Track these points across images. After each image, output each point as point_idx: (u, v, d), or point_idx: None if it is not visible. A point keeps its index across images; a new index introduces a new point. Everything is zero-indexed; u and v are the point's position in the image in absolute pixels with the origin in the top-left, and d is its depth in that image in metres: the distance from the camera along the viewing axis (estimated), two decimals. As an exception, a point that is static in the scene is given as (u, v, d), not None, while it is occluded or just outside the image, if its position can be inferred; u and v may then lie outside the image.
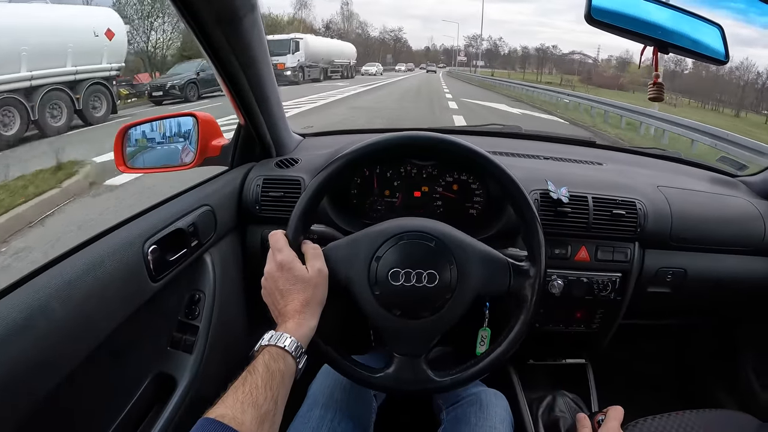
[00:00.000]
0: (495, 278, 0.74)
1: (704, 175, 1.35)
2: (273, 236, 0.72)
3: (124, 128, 1.04)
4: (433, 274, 0.71)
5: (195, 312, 0.92)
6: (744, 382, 1.34)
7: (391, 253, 0.72)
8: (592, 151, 1.40)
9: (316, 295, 0.68)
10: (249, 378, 0.56)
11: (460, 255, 0.73)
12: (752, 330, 1.36)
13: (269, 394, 0.55)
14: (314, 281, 0.68)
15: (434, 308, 0.72)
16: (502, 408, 0.90)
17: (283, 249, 0.70)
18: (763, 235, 1.14)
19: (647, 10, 0.86)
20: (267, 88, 0.98)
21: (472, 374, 0.74)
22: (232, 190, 1.04)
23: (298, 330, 0.64)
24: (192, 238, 0.88)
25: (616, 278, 1.07)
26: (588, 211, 1.03)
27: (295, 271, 0.68)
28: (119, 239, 0.74)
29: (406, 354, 0.74)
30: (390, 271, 0.71)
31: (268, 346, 0.61)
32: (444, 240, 0.73)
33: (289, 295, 0.67)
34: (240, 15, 0.80)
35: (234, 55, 0.86)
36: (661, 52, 0.88)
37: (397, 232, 0.73)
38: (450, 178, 1.08)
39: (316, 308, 0.68)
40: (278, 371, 0.58)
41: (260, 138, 1.08)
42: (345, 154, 0.75)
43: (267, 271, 0.70)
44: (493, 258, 0.75)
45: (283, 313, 0.67)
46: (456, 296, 0.72)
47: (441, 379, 0.74)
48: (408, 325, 0.73)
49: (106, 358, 0.71)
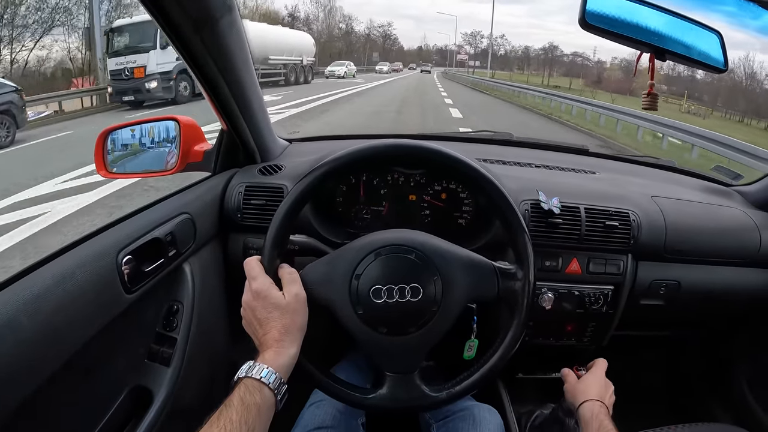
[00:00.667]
0: (482, 284, 0.71)
1: (698, 184, 1.32)
2: (247, 264, 0.69)
3: (105, 132, 1.00)
4: (417, 288, 0.68)
5: (173, 324, 0.89)
6: (738, 395, 1.31)
7: (371, 269, 0.69)
8: (585, 159, 1.37)
9: (295, 321, 0.66)
10: (224, 412, 0.54)
11: (442, 264, 0.69)
12: (746, 342, 1.33)
13: (244, 428, 0.53)
14: (292, 307, 0.66)
15: (421, 323, 0.68)
16: (495, 425, 0.87)
17: (257, 277, 0.67)
18: (759, 246, 1.12)
19: (644, 16, 0.83)
20: (249, 93, 0.94)
21: (467, 386, 0.71)
22: (214, 197, 1.00)
23: (276, 360, 0.62)
24: (170, 247, 0.85)
25: (609, 291, 1.04)
26: (580, 222, 0.99)
27: (271, 298, 0.65)
28: (92, 250, 0.70)
29: (397, 372, 0.70)
30: (371, 289, 0.68)
31: (245, 378, 0.59)
32: (423, 251, 0.70)
33: (267, 324, 0.65)
34: (216, 17, 0.76)
35: (212, 58, 0.82)
36: (658, 59, 0.85)
37: (374, 247, 0.70)
38: (438, 186, 1.05)
39: (296, 335, 0.66)
40: (254, 404, 0.57)
41: (243, 143, 1.04)
42: (321, 165, 0.71)
43: (244, 300, 0.68)
44: (477, 263, 0.72)
45: (262, 343, 0.64)
46: (443, 308, 0.69)
47: (436, 394, 0.71)
48: (396, 342, 0.69)
49: (80, 371, 0.69)
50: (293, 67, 19.56)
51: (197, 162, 1.01)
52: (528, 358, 1.15)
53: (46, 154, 6.77)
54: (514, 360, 0.75)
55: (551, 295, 0.98)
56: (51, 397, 0.63)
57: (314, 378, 0.71)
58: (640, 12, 0.83)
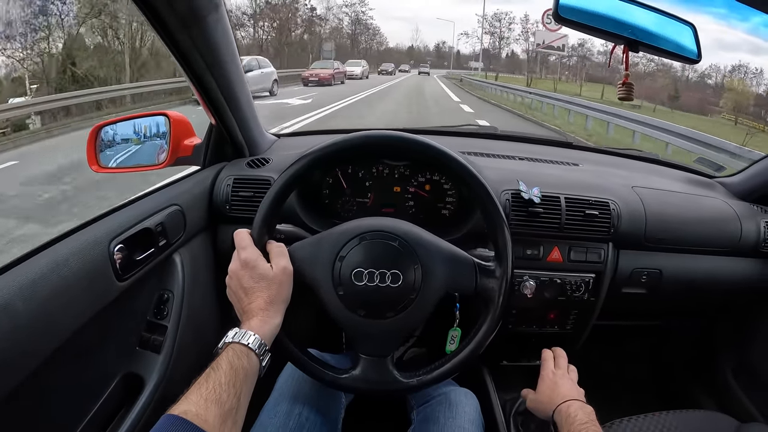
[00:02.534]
0: (460, 278, 0.72)
1: (681, 176, 1.33)
2: (238, 235, 0.71)
3: (97, 128, 1.02)
4: (397, 274, 0.69)
5: (164, 312, 0.90)
6: (722, 382, 1.32)
7: (355, 252, 0.71)
8: (569, 152, 1.38)
9: (281, 293, 0.67)
10: (212, 375, 0.55)
11: (423, 254, 0.71)
12: (730, 330, 1.34)
13: (232, 391, 0.54)
14: (278, 279, 0.67)
15: (399, 308, 0.70)
16: (471, 407, 0.88)
17: (247, 247, 0.69)
18: (740, 235, 1.12)
19: (617, 9, 0.83)
20: (236, 88, 0.95)
21: (439, 375, 0.73)
22: (203, 189, 1.01)
23: (262, 327, 0.63)
24: (160, 237, 0.86)
25: (590, 279, 1.04)
26: (560, 211, 1.00)
27: (259, 269, 0.67)
28: (85, 238, 0.72)
29: (371, 354, 0.72)
30: (353, 271, 0.70)
31: (232, 343, 0.60)
32: (407, 239, 0.71)
33: (253, 293, 0.66)
34: (203, 14, 0.78)
35: (200, 54, 0.83)
36: (631, 51, 0.86)
37: (359, 231, 0.72)
38: (422, 178, 1.06)
39: (280, 306, 0.67)
40: (242, 368, 0.58)
41: (232, 138, 1.05)
42: (309, 152, 0.73)
43: (231, 269, 0.69)
44: (458, 257, 0.73)
45: (247, 311, 0.66)
46: (420, 296, 0.70)
47: (407, 380, 0.72)
48: (373, 326, 0.71)
49: (72, 357, 0.70)
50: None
51: (187, 156, 1.02)
52: (512, 346, 1.16)
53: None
54: (498, 347, 0.76)
55: (533, 283, 0.99)
56: (44, 383, 0.64)
57: (291, 354, 0.73)
58: (614, 5, 0.83)
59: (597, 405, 0.79)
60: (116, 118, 1.03)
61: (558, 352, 0.94)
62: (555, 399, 0.81)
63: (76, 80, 11.80)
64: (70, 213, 3.80)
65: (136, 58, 14.64)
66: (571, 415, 0.75)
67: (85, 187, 4.32)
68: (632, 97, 0.88)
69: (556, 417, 0.78)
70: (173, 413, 0.50)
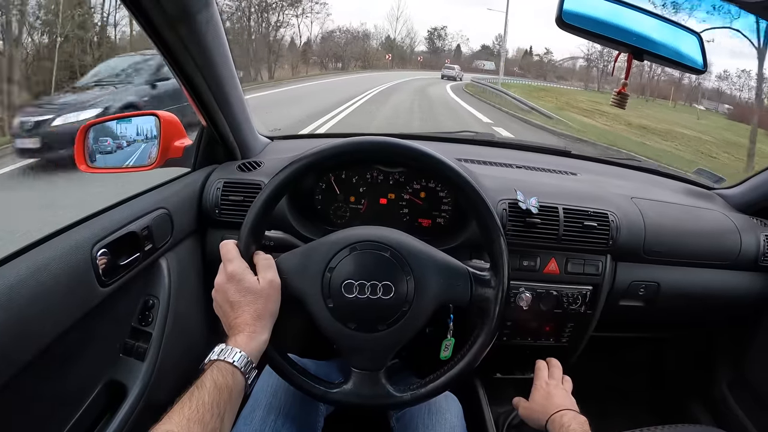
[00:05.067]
0: (455, 288, 0.68)
1: (680, 187, 1.30)
2: (224, 246, 0.67)
3: (86, 127, 0.98)
4: (389, 286, 0.65)
5: (149, 318, 0.86)
6: (718, 396, 1.29)
7: (345, 263, 0.66)
8: (568, 161, 1.34)
9: (268, 307, 0.64)
10: (196, 393, 0.53)
11: (416, 265, 0.67)
12: (727, 344, 1.30)
13: (216, 411, 0.52)
14: (265, 293, 0.64)
15: (391, 321, 0.66)
16: (453, 414, 0.84)
17: (233, 260, 0.65)
18: (739, 249, 1.09)
19: (622, 16, 0.80)
20: (228, 89, 0.91)
21: (433, 389, 0.69)
22: (192, 192, 0.97)
23: (248, 344, 0.60)
24: (146, 241, 0.82)
25: (587, 291, 1.01)
26: (558, 222, 0.97)
27: (245, 282, 0.63)
28: (67, 242, 0.68)
29: (363, 368, 0.68)
30: (343, 283, 0.65)
31: (217, 360, 0.57)
32: (399, 250, 0.67)
33: (240, 308, 0.63)
34: (192, 12, 0.73)
35: (190, 55, 0.79)
36: (635, 59, 0.82)
37: (350, 242, 0.67)
38: (417, 185, 1.02)
39: (267, 321, 0.64)
40: (226, 387, 0.55)
41: (223, 140, 1.01)
42: (299, 158, 0.69)
43: (217, 282, 0.66)
44: (452, 267, 0.69)
45: (233, 326, 0.62)
46: (414, 308, 0.66)
47: (400, 394, 0.68)
48: (364, 339, 0.67)
49: (53, 364, 0.66)
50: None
51: (177, 158, 0.98)
52: (506, 358, 1.12)
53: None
54: (492, 360, 0.72)
55: (529, 294, 0.95)
56: (23, 390, 0.61)
57: (279, 368, 0.69)
58: (618, 12, 0.80)
59: (591, 417, 0.77)
60: (105, 117, 0.99)
61: (552, 362, 0.92)
62: (548, 408, 0.79)
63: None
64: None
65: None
66: (564, 425, 0.74)
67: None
68: (625, 106, 0.85)
69: (550, 426, 0.77)
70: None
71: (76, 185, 1.38)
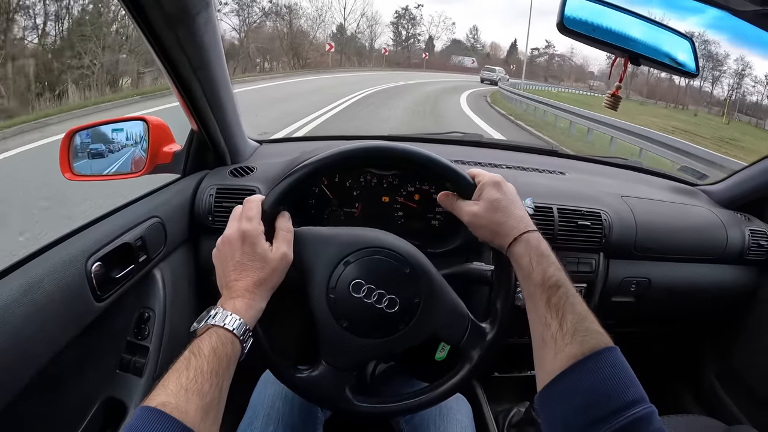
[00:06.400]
0: (451, 329, 0.66)
1: (665, 184, 1.32)
2: (248, 202, 0.62)
3: (71, 132, 0.93)
4: (395, 300, 0.63)
5: (144, 331, 0.83)
6: (707, 386, 1.32)
7: (363, 262, 0.63)
8: (555, 160, 1.35)
9: (272, 278, 0.59)
10: (194, 361, 0.48)
11: (429, 291, 0.65)
12: (716, 335, 1.34)
13: (215, 381, 0.48)
14: (274, 264, 0.59)
15: (384, 333, 0.64)
16: (464, 414, 0.83)
17: (253, 218, 0.60)
18: (725, 243, 1.12)
19: (620, 22, 0.80)
20: (221, 92, 0.87)
21: (389, 411, 0.67)
22: (184, 200, 0.94)
23: (247, 312, 0.56)
24: (140, 252, 0.79)
25: (581, 289, 1.02)
26: (553, 222, 0.97)
27: (258, 247, 0.58)
28: (60, 257, 0.64)
29: (332, 364, 0.65)
30: (353, 281, 0.62)
31: (215, 327, 0.53)
32: (418, 271, 0.64)
33: (245, 271, 0.58)
34: (193, 13, 0.70)
35: (186, 56, 0.75)
36: (632, 64, 0.82)
37: (376, 244, 0.65)
38: (411, 188, 1.01)
39: (268, 291, 0.59)
40: (225, 356, 0.51)
41: (214, 145, 0.97)
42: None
43: (228, 234, 0.60)
44: (458, 310, 0.66)
45: (231, 288, 0.57)
46: (411, 329, 0.64)
47: (358, 403, 0.66)
48: (349, 339, 0.64)
49: (50, 384, 0.64)
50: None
51: (166, 164, 0.94)
52: (503, 358, 1.13)
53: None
54: (490, 360, 0.71)
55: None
56: (20, 412, 0.58)
57: (260, 344, 0.65)
58: (617, 18, 0.80)
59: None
60: (92, 123, 0.94)
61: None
62: (508, 225, 0.61)
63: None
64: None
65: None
66: (541, 248, 0.59)
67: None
68: (617, 108, 0.85)
69: (514, 253, 0.60)
70: (150, 405, 0.43)
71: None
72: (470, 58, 40.27)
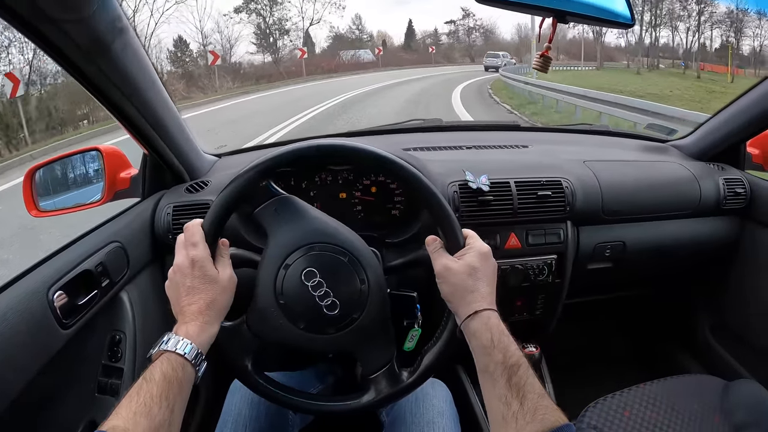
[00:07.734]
0: (369, 363, 0.64)
1: (634, 144, 1.28)
2: (189, 228, 0.62)
3: (31, 171, 0.95)
4: (336, 304, 0.62)
5: (117, 354, 0.84)
6: (702, 343, 1.27)
7: (326, 257, 0.63)
8: (518, 134, 1.32)
9: (222, 299, 0.60)
10: (145, 387, 0.50)
11: (373, 317, 0.63)
12: (702, 290, 1.30)
13: (164, 403, 0.49)
14: (223, 285, 0.60)
15: (311, 328, 0.62)
16: (440, 399, 0.80)
17: (197, 243, 0.61)
18: (700, 196, 1.08)
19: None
20: (162, 113, 0.86)
21: (274, 397, 0.66)
22: (143, 222, 0.94)
23: (200, 336, 0.56)
24: (102, 277, 0.79)
25: (552, 260, 0.99)
26: (512, 196, 0.95)
27: (206, 270, 0.60)
28: (21, 290, 0.65)
29: (251, 328, 0.64)
30: (308, 268, 0.62)
31: (167, 352, 0.54)
32: (374, 294, 0.63)
33: (197, 294, 0.59)
34: (107, 42, 0.69)
35: (114, 84, 0.75)
36: (560, 23, 0.79)
37: (347, 246, 0.64)
38: (367, 181, 0.99)
39: (219, 313, 0.60)
40: (176, 380, 0.52)
41: (168, 165, 0.97)
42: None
43: (177, 263, 0.61)
44: (388, 349, 0.65)
45: (184, 312, 0.58)
46: (336, 338, 0.62)
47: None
48: (277, 315, 0.62)
49: (28, 413, 0.65)
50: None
51: (125, 189, 0.95)
52: None
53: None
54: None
55: None
56: None
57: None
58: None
59: (580, 385, 0.74)
60: (49, 159, 0.96)
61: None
62: (480, 297, 0.60)
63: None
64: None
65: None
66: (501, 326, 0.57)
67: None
68: (548, 70, 0.82)
69: (467, 329, 0.59)
70: (102, 429, 0.45)
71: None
72: (365, 50, 32.26)
